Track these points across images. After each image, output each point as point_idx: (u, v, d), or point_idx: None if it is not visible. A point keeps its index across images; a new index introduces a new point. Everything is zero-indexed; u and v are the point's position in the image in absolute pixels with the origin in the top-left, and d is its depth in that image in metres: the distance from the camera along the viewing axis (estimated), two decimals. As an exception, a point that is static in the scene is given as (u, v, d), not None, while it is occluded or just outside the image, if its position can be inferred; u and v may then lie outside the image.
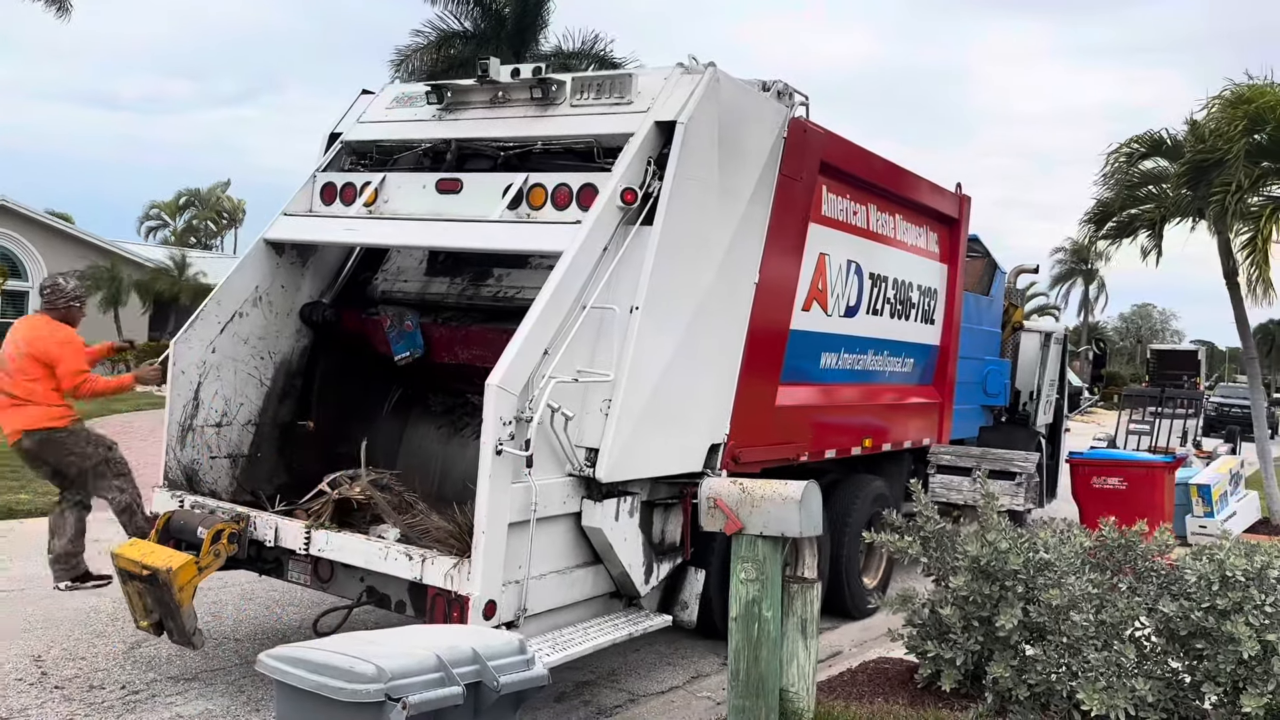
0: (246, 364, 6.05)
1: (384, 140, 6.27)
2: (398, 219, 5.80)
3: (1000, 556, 4.99)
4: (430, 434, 6.65)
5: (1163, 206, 11.96)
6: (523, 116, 5.78)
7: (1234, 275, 12.28)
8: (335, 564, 5.16)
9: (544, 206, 5.36)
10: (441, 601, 4.52)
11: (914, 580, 6.16)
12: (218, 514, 5.33)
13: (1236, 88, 11.15)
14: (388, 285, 6.72)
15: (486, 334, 5.99)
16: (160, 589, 5.00)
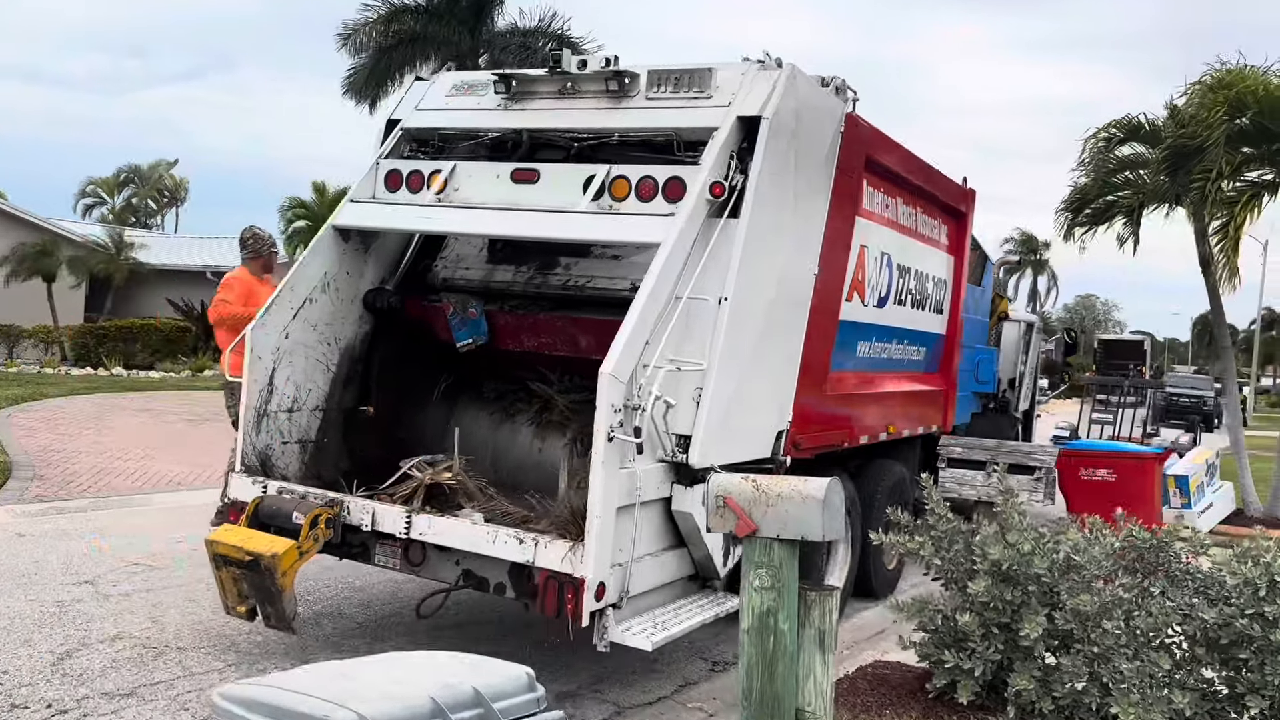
0: (315, 350, 6.08)
1: (447, 128, 6.28)
2: (470, 207, 5.84)
3: (1023, 559, 4.61)
4: (480, 420, 6.70)
5: (1141, 193, 11.74)
6: (595, 108, 5.82)
7: (1210, 263, 12.12)
8: (428, 548, 5.23)
9: (627, 198, 5.44)
10: (554, 585, 4.65)
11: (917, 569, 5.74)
12: (309, 499, 5.36)
13: (1217, 73, 10.94)
14: (448, 272, 6.76)
15: (555, 322, 6.16)
16: (262, 574, 5.04)
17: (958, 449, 5.87)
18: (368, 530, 5.29)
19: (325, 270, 6.10)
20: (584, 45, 31.02)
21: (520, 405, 6.61)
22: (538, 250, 6.48)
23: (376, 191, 6.17)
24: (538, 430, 6.47)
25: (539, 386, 6.51)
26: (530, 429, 6.51)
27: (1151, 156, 12.15)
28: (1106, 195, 12.31)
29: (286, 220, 24.68)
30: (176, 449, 12.74)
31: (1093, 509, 8.62)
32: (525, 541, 4.81)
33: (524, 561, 4.79)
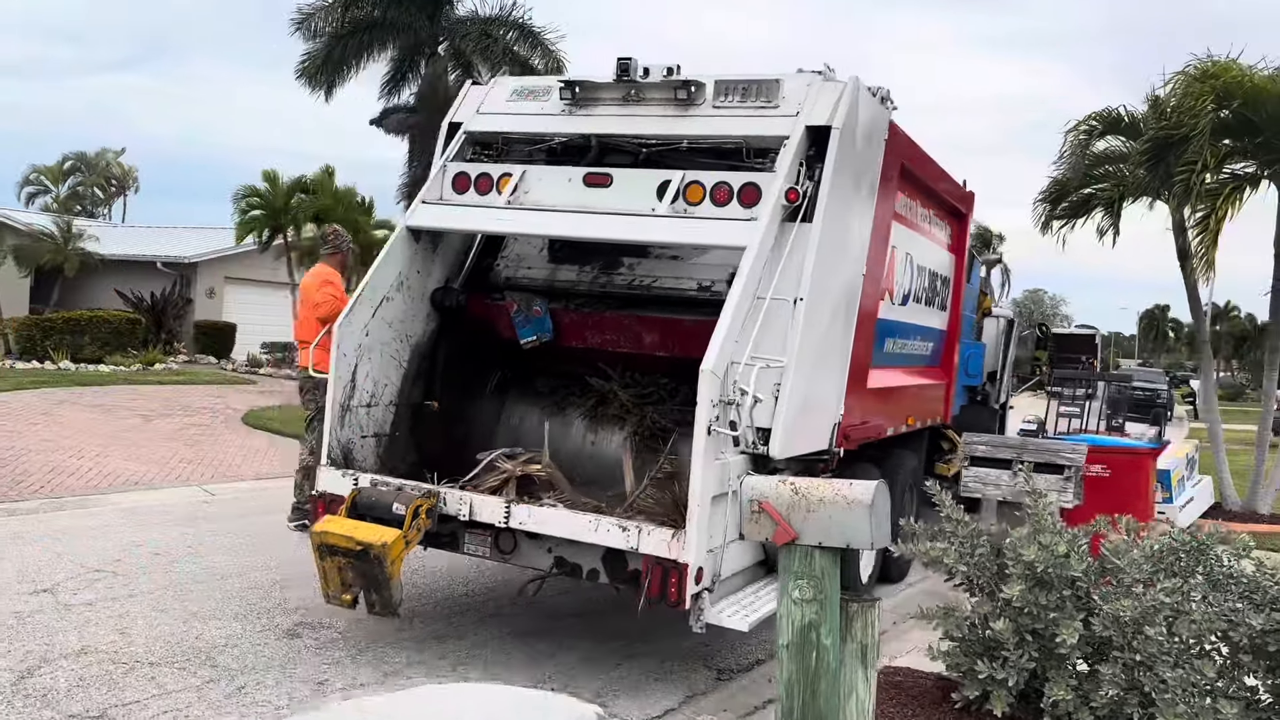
0: (389, 347, 6.31)
1: (511, 132, 6.47)
2: (544, 209, 6.02)
3: (1059, 562, 4.39)
4: (530, 414, 6.98)
5: (1121, 185, 11.65)
6: (662, 115, 6.05)
7: (1188, 256, 12.07)
8: (518, 536, 5.49)
9: (701, 203, 5.65)
10: (658, 570, 4.90)
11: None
12: (406, 491, 5.54)
13: (1200, 63, 10.86)
14: (510, 271, 7.00)
15: (622, 320, 6.46)
16: (371, 563, 5.23)
17: (981, 447, 5.66)
18: (464, 520, 5.52)
19: (399, 270, 6.31)
20: (546, 35, 30.68)
21: (573, 400, 6.87)
22: (599, 251, 6.70)
23: (444, 193, 6.33)
24: (590, 423, 6.79)
25: (597, 381, 6.78)
26: (583, 422, 6.82)
27: (1129, 150, 12.10)
28: (1085, 187, 12.21)
29: (240, 209, 24.05)
30: (131, 446, 12.22)
31: (1087, 505, 8.53)
32: (628, 529, 5.06)
33: (627, 548, 5.05)
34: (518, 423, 6.96)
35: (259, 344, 26.71)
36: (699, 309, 6.19)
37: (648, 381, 6.73)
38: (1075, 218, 12.65)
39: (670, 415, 6.53)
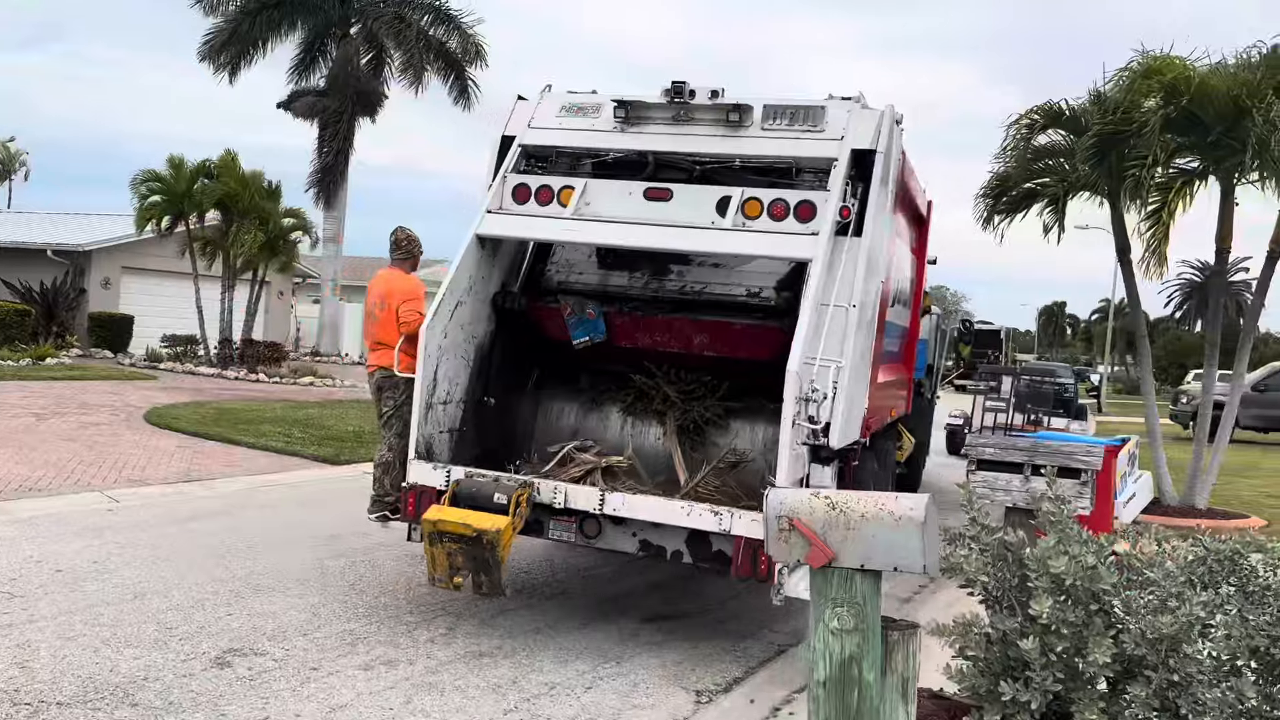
0: (461, 348, 6.67)
1: (566, 146, 6.86)
2: (607, 220, 6.43)
3: (1087, 574, 4.05)
4: (566, 409, 7.44)
5: (1066, 180, 11.56)
6: (712, 135, 6.51)
7: (1127, 252, 12.07)
8: (603, 521, 5.96)
9: (760, 217, 6.14)
10: (749, 549, 5.46)
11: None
12: (502, 482, 5.93)
13: (1144, 59, 10.81)
14: (562, 276, 7.39)
15: (674, 322, 6.91)
16: (484, 548, 5.59)
17: (990, 450, 5.33)
18: (558, 507, 5.93)
19: (470, 275, 6.64)
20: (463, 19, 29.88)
21: (607, 395, 7.34)
22: (648, 258, 7.09)
23: (504, 203, 6.68)
24: (627, 417, 7.27)
25: (641, 379, 7.18)
26: (620, 416, 7.29)
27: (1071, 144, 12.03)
28: (1027, 182, 12.11)
29: (140, 195, 22.72)
30: (23, 448, 11.24)
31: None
32: (720, 514, 5.61)
33: (719, 530, 5.60)
34: (554, 417, 7.45)
35: (159, 337, 25.38)
36: (749, 313, 6.87)
37: (690, 378, 7.16)
38: (1015, 212, 12.56)
39: (713, 409, 7.07)
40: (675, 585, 7.59)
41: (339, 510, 9.33)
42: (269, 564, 7.21)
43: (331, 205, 30.43)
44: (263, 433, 13.54)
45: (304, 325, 34.89)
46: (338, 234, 30.99)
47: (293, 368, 24.32)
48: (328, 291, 31.98)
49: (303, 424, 14.64)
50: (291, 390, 20.96)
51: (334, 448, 12.96)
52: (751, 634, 6.49)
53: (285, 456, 12.27)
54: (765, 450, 6.73)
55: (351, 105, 28.91)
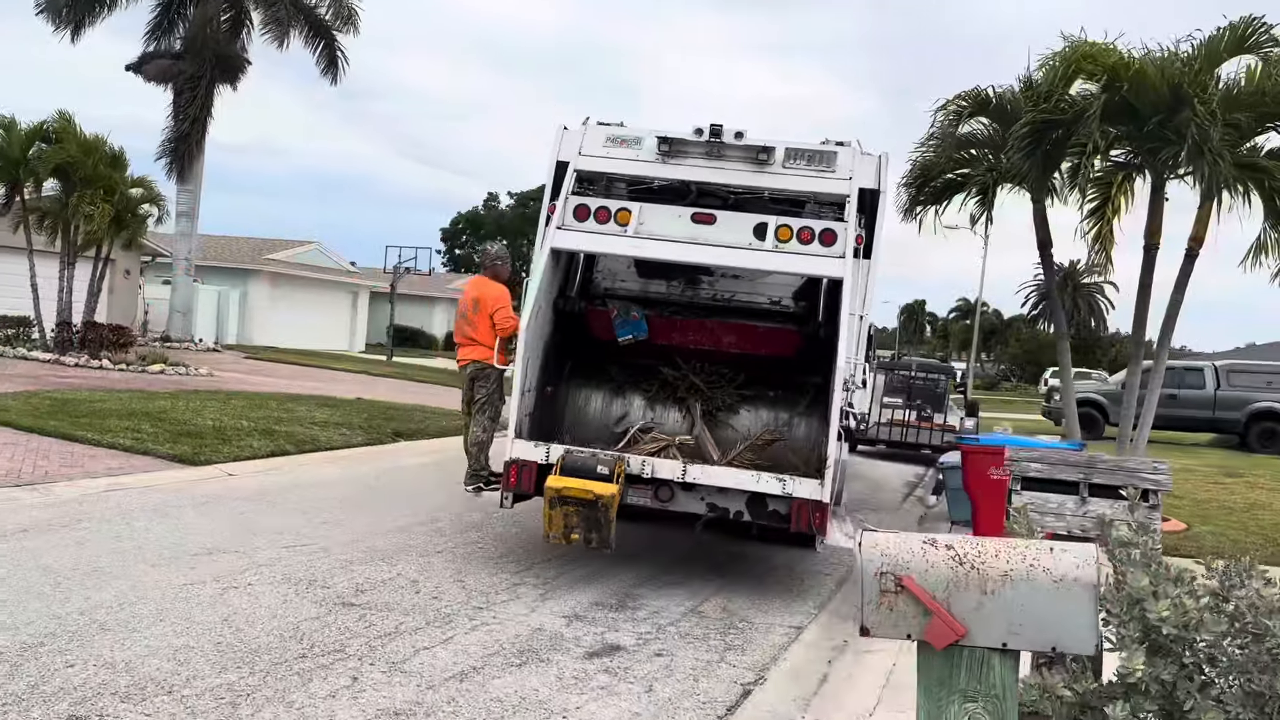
0: (535, 346, 7.66)
1: (616, 173, 7.92)
2: (663, 239, 7.50)
3: (1185, 617, 3.31)
4: (594, 397, 8.76)
5: (994, 170, 11.09)
6: (742, 170, 7.68)
7: (1049, 246, 11.72)
8: (675, 487, 7.04)
9: (790, 241, 7.31)
10: (806, 508, 6.78)
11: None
12: (599, 455, 7.05)
13: (1078, 44, 10.39)
14: (608, 284, 8.84)
15: (707, 324, 8.48)
16: (598, 510, 6.67)
17: (1035, 466, 4.57)
18: (648, 477, 7.03)
19: (546, 283, 7.70)
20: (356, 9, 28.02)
21: (627, 385, 8.71)
22: (681, 269, 8.47)
23: (566, 220, 7.62)
24: (650, 403, 8.66)
25: (669, 371, 8.59)
26: (640, 401, 8.68)
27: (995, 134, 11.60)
28: (951, 171, 11.61)
29: (-34, 159, 20.29)
30: None
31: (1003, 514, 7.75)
32: (784, 480, 6.89)
33: (782, 494, 6.85)
34: (582, 404, 8.75)
35: (-13, 318, 22.89)
36: (771, 318, 8.64)
37: (712, 371, 8.59)
38: (937, 202, 12.07)
39: (731, 396, 8.54)
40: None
41: (204, 521, 8.04)
42: (121, 593, 5.94)
43: (186, 178, 28.19)
44: (108, 428, 11.93)
45: (153, 308, 32.32)
46: (193, 209, 28.77)
47: (141, 354, 22.21)
48: (180, 271, 29.65)
49: (154, 417, 13.03)
50: (140, 379, 19.05)
51: (192, 445, 11.48)
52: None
53: (135, 455, 10.75)
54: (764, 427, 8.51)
55: (211, 70, 26.79)
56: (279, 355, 30.77)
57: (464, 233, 63.31)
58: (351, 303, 43.24)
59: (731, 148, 7.68)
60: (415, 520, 8.85)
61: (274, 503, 9.15)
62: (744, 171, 7.69)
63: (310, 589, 6.34)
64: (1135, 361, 11.11)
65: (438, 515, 9.17)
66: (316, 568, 6.88)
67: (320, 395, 18.69)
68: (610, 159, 7.87)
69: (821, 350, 8.01)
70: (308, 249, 41.03)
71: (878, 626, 2.32)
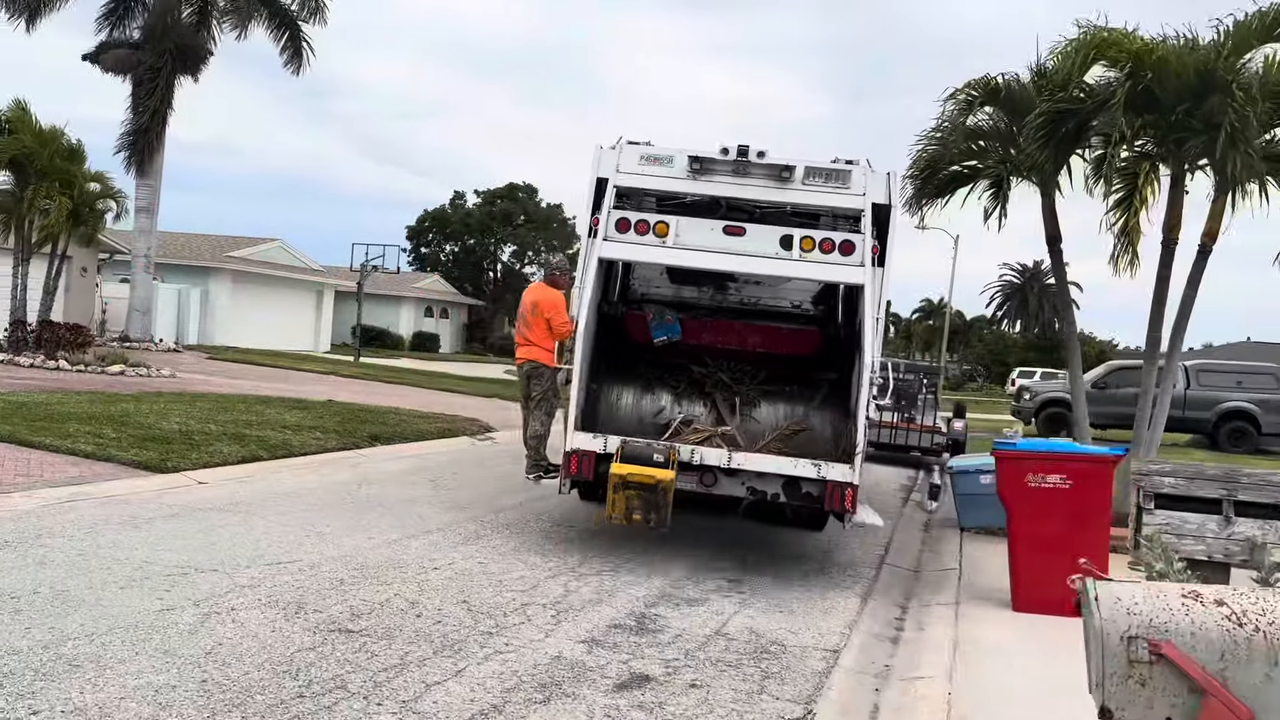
0: (584, 347, 8.09)
1: (652, 189, 8.39)
2: (698, 249, 8.20)
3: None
4: (625, 393, 9.42)
5: (1007, 162, 10.65)
6: (766, 186, 8.24)
7: (1058, 241, 11.30)
8: (718, 472, 7.78)
9: (812, 251, 8.05)
10: (838, 490, 7.58)
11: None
12: (654, 444, 7.84)
13: (1094, 31, 9.98)
14: (643, 290, 9.71)
15: (733, 326, 9.53)
16: (658, 493, 7.38)
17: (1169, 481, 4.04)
18: (697, 464, 7.66)
19: (595, 290, 8.26)
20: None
21: (654, 382, 9.42)
22: (709, 276, 9.29)
23: (609, 233, 8.17)
24: (677, 399, 9.39)
25: (697, 369, 9.33)
26: (665, 396, 9.41)
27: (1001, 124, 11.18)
28: (961, 163, 11.16)
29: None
30: None
31: (1042, 525, 7.27)
32: (818, 465, 7.62)
33: (816, 477, 7.59)
34: (614, 398, 9.41)
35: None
36: (792, 320, 9.66)
37: (736, 368, 9.37)
38: (940, 196, 11.62)
39: (753, 391, 9.33)
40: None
41: (177, 535, 7.37)
42: (90, 621, 5.29)
43: (145, 172, 27.25)
44: (68, 432, 11.18)
45: (111, 307, 31.26)
46: (153, 204, 27.83)
47: (100, 355, 21.32)
48: (139, 269, 28.66)
49: (117, 421, 12.28)
50: (100, 380, 18.22)
51: (158, 450, 10.77)
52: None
53: (98, 462, 10.03)
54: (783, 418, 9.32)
55: (171, 60, 25.86)
56: (242, 356, 29.85)
57: (430, 231, 62.29)
58: (316, 302, 42.26)
59: (756, 166, 8.29)
60: (405, 533, 8.23)
61: (251, 513, 8.49)
62: (767, 187, 8.31)
63: (301, 614, 5.72)
64: (1151, 361, 10.72)
65: (428, 527, 8.56)
66: (305, 588, 6.26)
67: (290, 397, 17.95)
68: (645, 176, 8.43)
69: (838, 349, 9.19)
70: (271, 246, 40.01)
71: (1125, 707, 1.78)
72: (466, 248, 61.63)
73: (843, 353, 8.96)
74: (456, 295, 58.03)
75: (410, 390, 24.03)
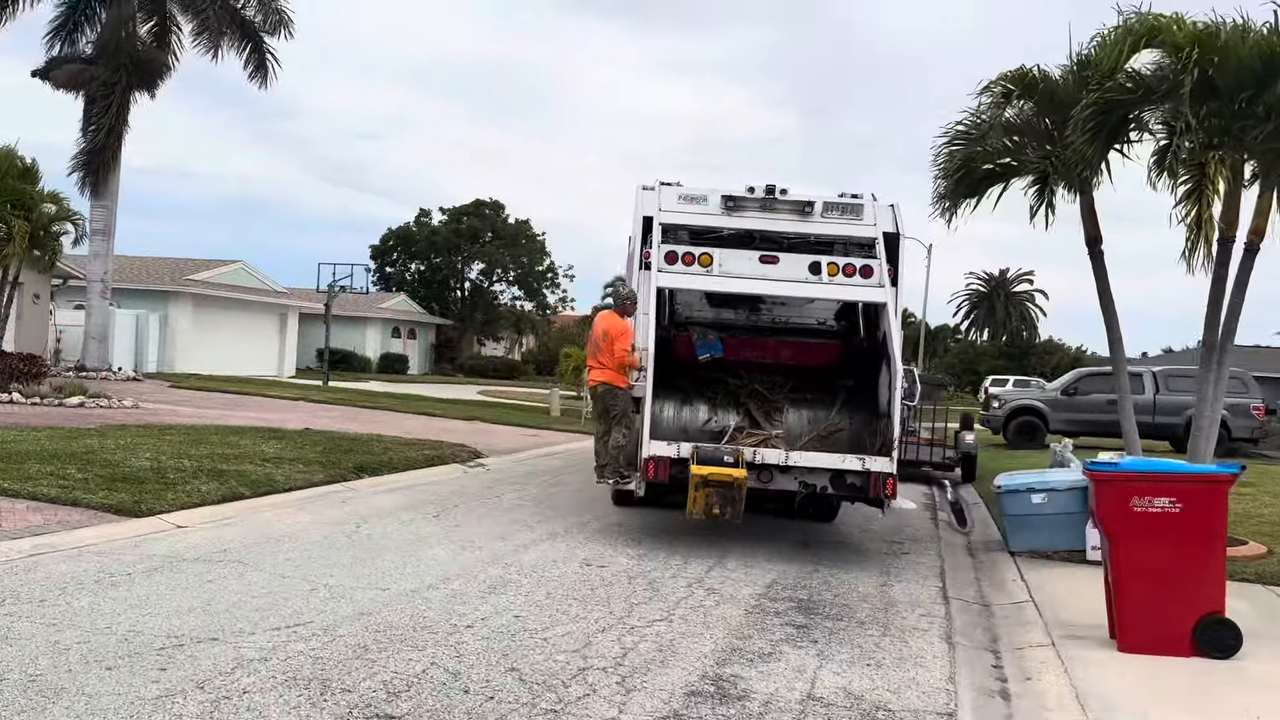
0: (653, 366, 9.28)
1: (692, 225, 9.85)
2: (738, 277, 9.59)
3: None
4: (667, 405, 10.45)
5: (1052, 156, 9.95)
6: (790, 219, 9.75)
7: (1099, 242, 10.63)
8: (774, 470, 8.91)
9: (838, 275, 9.47)
10: (880, 479, 8.77)
11: None
12: (723, 447, 8.89)
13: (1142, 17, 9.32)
14: (686, 313, 11.13)
15: (766, 342, 10.95)
16: (735, 490, 8.35)
17: None
18: (759, 463, 8.85)
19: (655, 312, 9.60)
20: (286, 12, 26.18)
21: (693, 394, 10.56)
22: (743, 299, 10.61)
23: (661, 265, 9.41)
24: (713, 408, 10.59)
25: (733, 381, 10.58)
26: (703, 408, 10.61)
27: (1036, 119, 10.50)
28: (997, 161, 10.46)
29: None
30: None
31: (1150, 554, 6.48)
32: (863, 459, 8.95)
33: (861, 469, 8.90)
34: (660, 408, 9.92)
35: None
36: (818, 335, 11.06)
37: (768, 380, 10.56)
38: (973, 196, 10.92)
39: (781, 399, 10.53)
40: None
41: (164, 594, 6.39)
42: (72, 717, 4.32)
43: (101, 193, 26.05)
44: (27, 474, 10.10)
45: (66, 335, 29.85)
46: (109, 226, 26.60)
47: (56, 385, 20.07)
48: (96, 294, 27.36)
49: (82, 459, 11.21)
50: (58, 414, 17.03)
51: (130, 491, 9.73)
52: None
53: (63, 507, 8.98)
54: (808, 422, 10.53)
55: (126, 76, 24.72)
56: (206, 383, 28.58)
57: (395, 250, 60.96)
58: (280, 325, 40.97)
59: (780, 201, 9.62)
60: (421, 581, 7.29)
61: (243, 563, 7.51)
62: (792, 220, 9.65)
63: (328, 695, 4.78)
64: (1206, 367, 10.03)
65: (445, 573, 7.63)
66: (325, 660, 5.31)
67: (263, 426, 16.88)
68: (685, 213, 9.70)
69: (859, 358, 10.48)
70: (232, 269, 38.70)
71: None
72: (433, 266, 60.38)
73: (864, 362, 10.34)
74: (424, 315, 56.82)
75: (387, 415, 23.00)
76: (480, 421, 23.67)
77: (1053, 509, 9.76)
